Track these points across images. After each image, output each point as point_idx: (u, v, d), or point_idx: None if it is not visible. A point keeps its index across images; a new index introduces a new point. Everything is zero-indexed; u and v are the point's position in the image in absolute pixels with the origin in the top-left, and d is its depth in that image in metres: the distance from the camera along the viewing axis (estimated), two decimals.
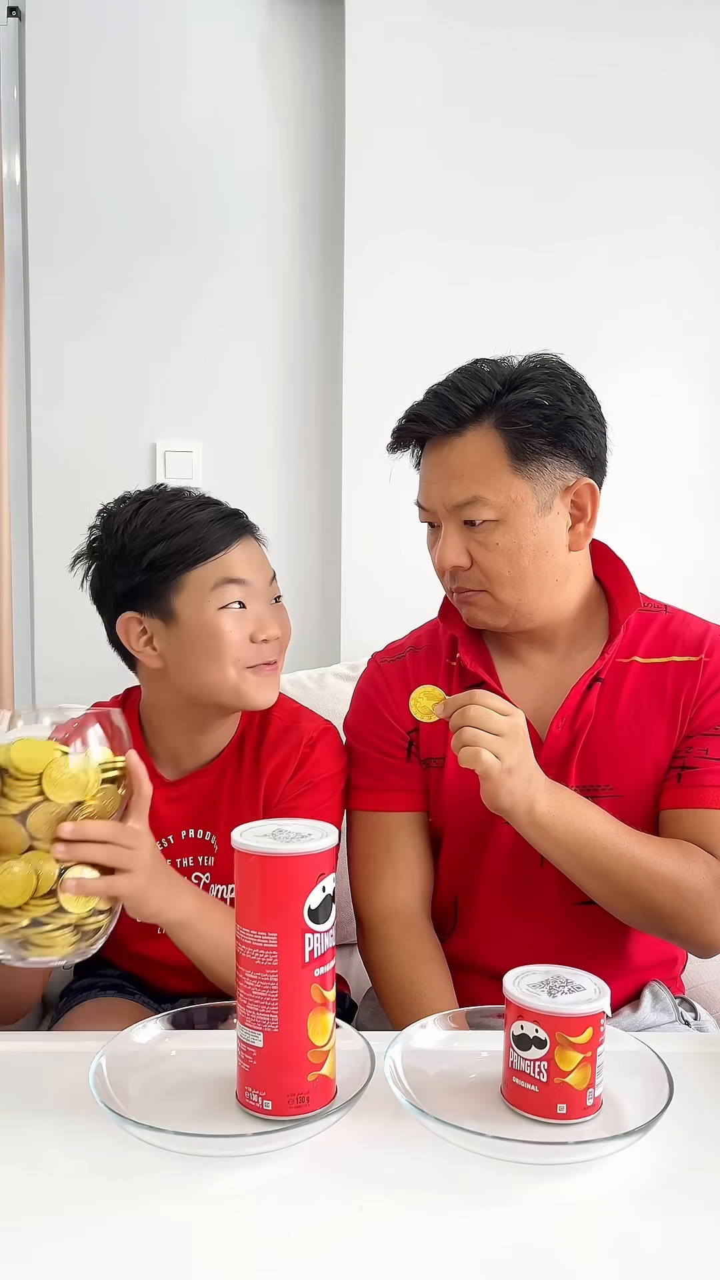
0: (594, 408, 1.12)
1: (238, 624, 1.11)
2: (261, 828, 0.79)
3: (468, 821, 1.17)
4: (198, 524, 1.11)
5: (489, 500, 1.07)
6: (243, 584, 1.12)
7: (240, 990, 0.77)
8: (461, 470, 1.08)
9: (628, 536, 1.27)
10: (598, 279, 1.99)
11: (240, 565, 1.12)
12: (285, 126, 2.01)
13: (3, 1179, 0.71)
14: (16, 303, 2.05)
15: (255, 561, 1.15)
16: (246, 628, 1.12)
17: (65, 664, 2.06)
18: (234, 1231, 0.65)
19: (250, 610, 1.13)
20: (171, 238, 2.00)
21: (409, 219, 1.96)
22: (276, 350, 2.05)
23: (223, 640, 1.11)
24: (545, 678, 1.17)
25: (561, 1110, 0.77)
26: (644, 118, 1.98)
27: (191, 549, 1.10)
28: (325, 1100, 0.77)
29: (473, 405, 1.08)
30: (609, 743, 1.13)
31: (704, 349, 2.03)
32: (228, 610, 1.11)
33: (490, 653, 1.20)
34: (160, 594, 1.12)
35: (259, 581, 1.14)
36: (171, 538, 1.11)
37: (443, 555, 1.11)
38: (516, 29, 1.94)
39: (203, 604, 1.11)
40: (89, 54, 1.96)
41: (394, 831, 1.20)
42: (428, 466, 1.13)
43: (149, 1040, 0.87)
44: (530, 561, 1.09)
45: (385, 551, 1.94)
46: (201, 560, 1.11)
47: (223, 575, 1.11)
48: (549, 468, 1.08)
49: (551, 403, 1.07)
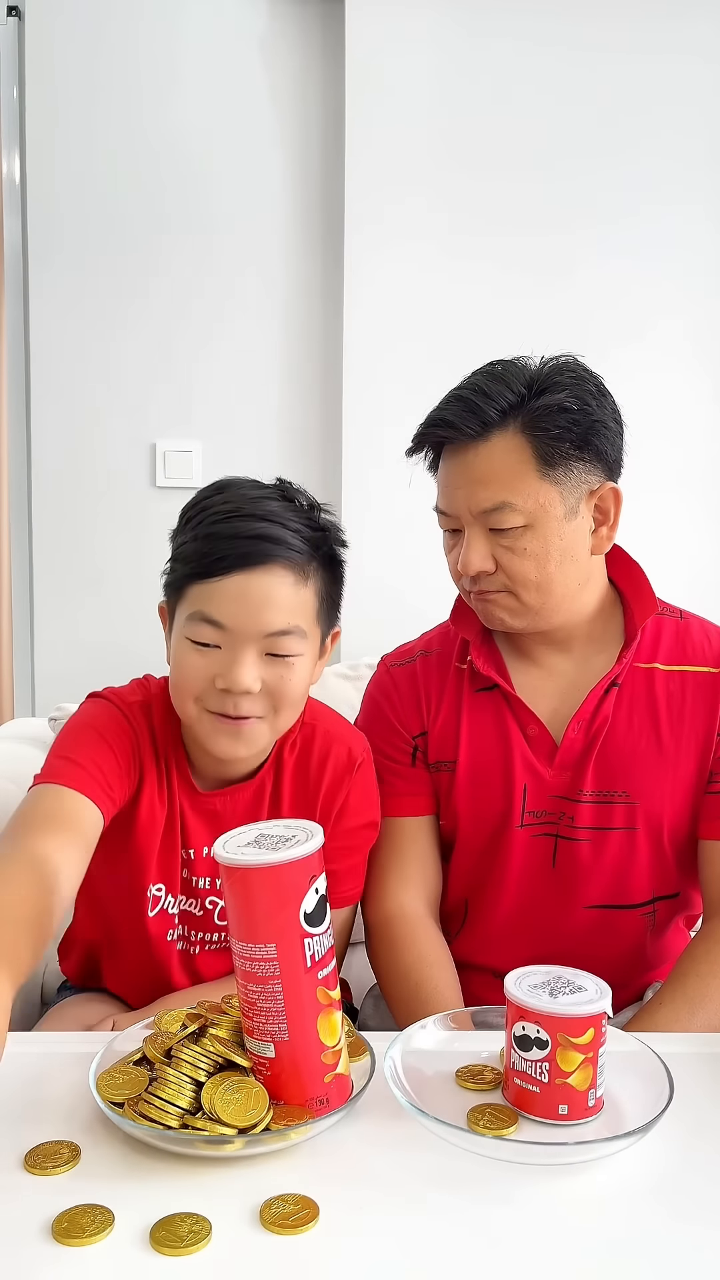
0: (615, 411, 1.10)
1: (202, 661, 0.98)
2: (242, 836, 0.76)
3: (480, 824, 1.17)
4: (215, 535, 0.97)
5: (518, 506, 1.05)
6: (216, 626, 0.97)
7: (244, 1003, 0.76)
8: (489, 476, 1.06)
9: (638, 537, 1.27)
10: (598, 273, 2.00)
11: (226, 604, 0.96)
12: (285, 126, 2.01)
13: (2, 1179, 0.71)
14: (16, 303, 2.05)
15: (252, 601, 0.96)
16: (210, 670, 0.98)
17: (65, 664, 2.06)
18: (234, 1232, 0.65)
19: (224, 653, 0.98)
20: (171, 237, 2.00)
21: (409, 218, 1.97)
22: (277, 350, 2.05)
23: (182, 672, 1.00)
24: (561, 680, 1.16)
25: (563, 1111, 0.76)
26: (644, 108, 1.98)
27: (194, 560, 0.98)
28: (344, 1098, 0.76)
29: (499, 409, 1.05)
30: (626, 749, 1.12)
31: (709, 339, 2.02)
32: (194, 645, 0.98)
33: (503, 656, 1.19)
34: (172, 595, 1.04)
35: (247, 626, 0.97)
36: (197, 539, 0.99)
37: (467, 560, 1.08)
38: (515, 29, 1.95)
39: (183, 624, 0.99)
40: (89, 54, 1.96)
41: (400, 836, 1.19)
42: (450, 472, 1.10)
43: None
44: (556, 566, 1.07)
45: (386, 551, 1.94)
46: (198, 578, 0.98)
47: (199, 609, 0.97)
48: (575, 472, 1.07)
49: (579, 407, 1.05)
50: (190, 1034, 0.80)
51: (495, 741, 1.15)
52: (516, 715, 1.15)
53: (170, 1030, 0.81)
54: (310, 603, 1.01)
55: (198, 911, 1.12)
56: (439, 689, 1.20)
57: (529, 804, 1.14)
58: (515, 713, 1.15)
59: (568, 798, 1.13)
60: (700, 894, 1.19)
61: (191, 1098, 0.74)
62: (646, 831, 1.12)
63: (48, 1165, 0.71)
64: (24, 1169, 0.71)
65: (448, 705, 1.18)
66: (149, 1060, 0.79)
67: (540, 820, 1.14)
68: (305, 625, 1.00)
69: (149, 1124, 0.73)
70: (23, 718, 2.05)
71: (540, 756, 1.14)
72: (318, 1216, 0.66)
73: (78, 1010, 1.19)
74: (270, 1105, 0.74)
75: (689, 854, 1.15)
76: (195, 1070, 0.76)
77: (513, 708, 1.15)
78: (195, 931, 1.13)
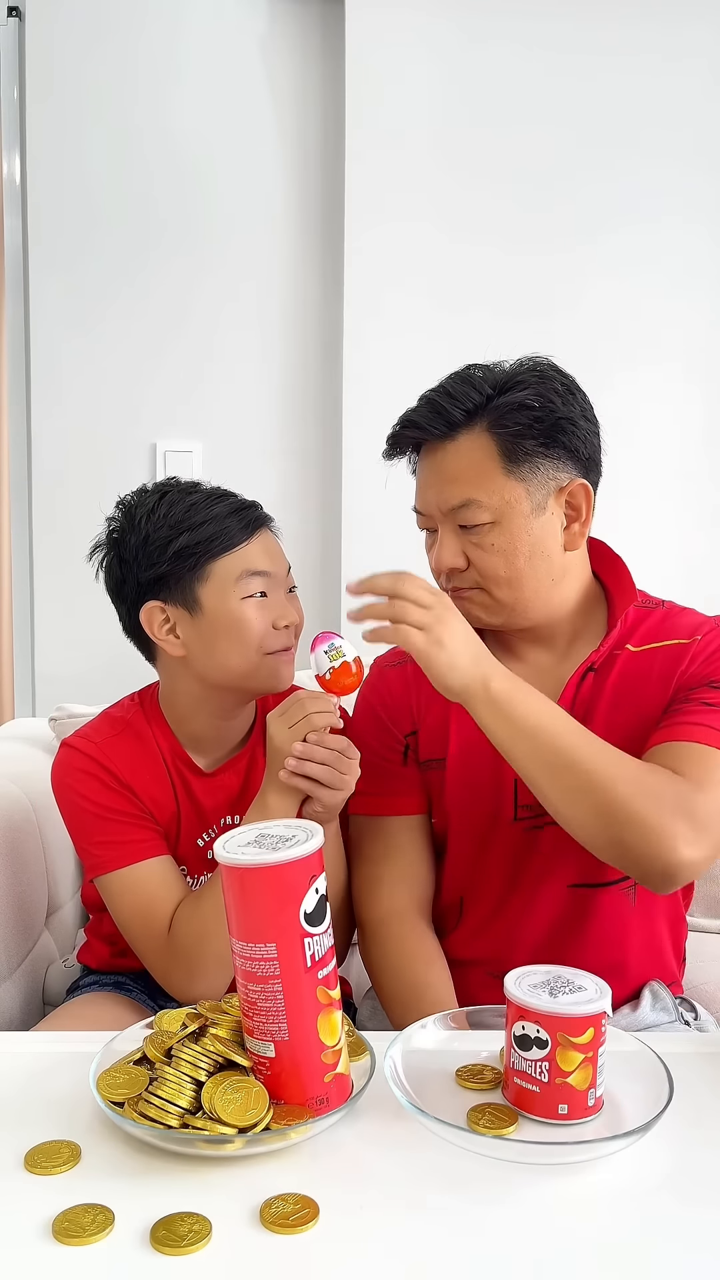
0: (585, 408, 1.12)
1: (261, 612, 1.15)
2: (242, 835, 0.77)
3: (471, 820, 1.17)
4: (219, 515, 1.15)
5: (483, 503, 1.08)
6: (264, 575, 1.16)
7: (244, 1003, 0.76)
8: (455, 474, 1.09)
9: (630, 536, 1.27)
10: (599, 276, 1.99)
11: (261, 557, 1.17)
12: (285, 126, 2.01)
13: (2, 1179, 0.71)
14: (16, 303, 2.06)
15: (274, 553, 1.19)
16: (269, 616, 1.16)
17: (65, 664, 2.06)
18: (234, 1232, 0.65)
19: (271, 599, 1.17)
20: (172, 237, 2.01)
21: (409, 218, 1.97)
22: (277, 350, 2.05)
23: (248, 628, 1.15)
24: (546, 674, 1.17)
25: (563, 1110, 0.76)
26: (646, 112, 1.98)
27: (216, 539, 1.14)
28: (344, 1097, 0.77)
29: (464, 410, 1.09)
30: (605, 728, 1.12)
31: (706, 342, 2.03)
32: (251, 600, 1.15)
33: (491, 652, 1.19)
34: (185, 583, 1.15)
35: (278, 571, 1.19)
36: (196, 528, 1.14)
37: (439, 558, 1.12)
38: (516, 29, 1.95)
39: (227, 593, 1.14)
40: (89, 54, 1.96)
41: (392, 835, 1.20)
42: (423, 472, 1.15)
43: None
44: (526, 562, 1.10)
45: (385, 550, 1.93)
46: (225, 551, 1.15)
47: (246, 567, 1.15)
48: (542, 469, 1.09)
49: (542, 404, 1.08)
50: (190, 1033, 0.81)
51: (484, 738, 1.16)
52: None
53: (170, 1030, 0.81)
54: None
55: None
56: (429, 687, 1.20)
57: (521, 798, 1.14)
58: None
59: None
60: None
61: (192, 1097, 0.74)
62: None
63: (48, 1165, 0.72)
64: (24, 1169, 0.72)
65: (438, 703, 1.19)
66: (149, 1060, 0.80)
67: (534, 813, 1.14)
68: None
69: (149, 1123, 0.73)
70: (23, 718, 2.05)
71: None
72: (318, 1216, 0.66)
73: (82, 1010, 1.20)
74: (270, 1105, 0.74)
75: None
76: (195, 1070, 0.76)
77: None
78: None
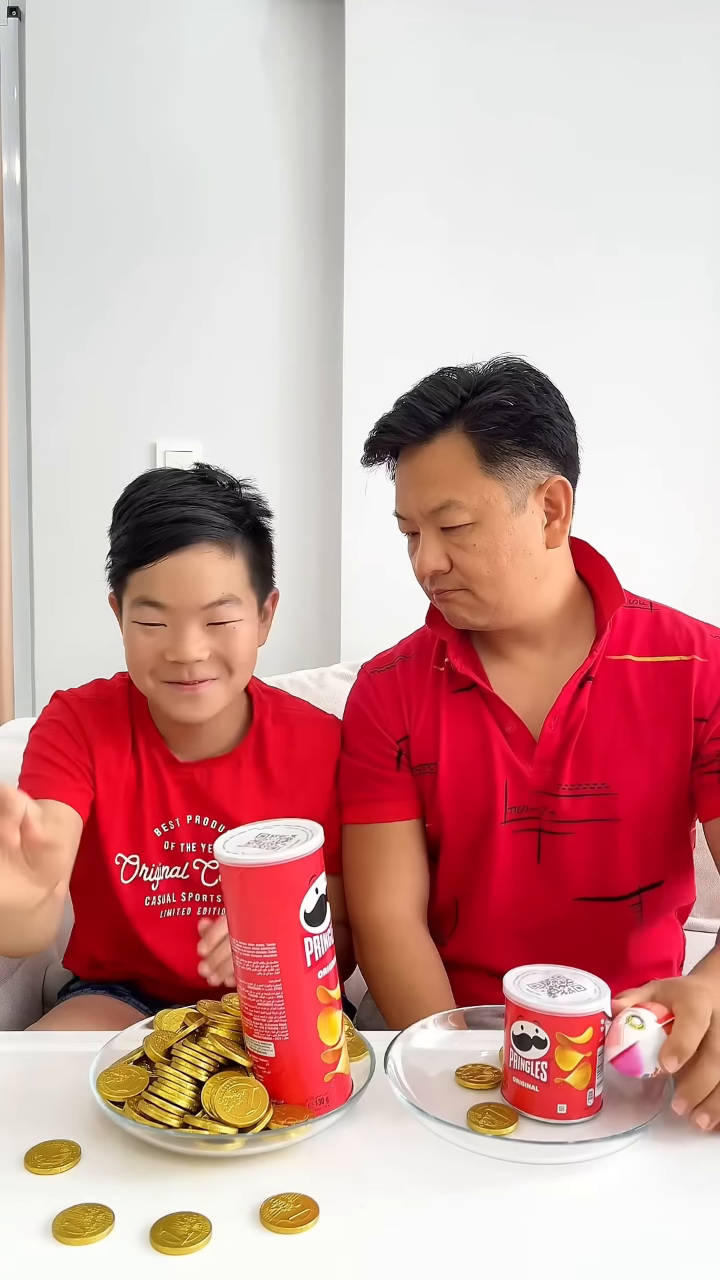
0: (560, 406, 1.13)
1: (150, 639, 1.09)
2: (242, 835, 0.77)
3: (464, 824, 1.17)
4: (144, 525, 1.08)
5: (463, 503, 1.08)
6: (158, 607, 1.08)
7: (244, 1003, 0.76)
8: (434, 476, 1.10)
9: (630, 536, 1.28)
10: (601, 275, 1.99)
11: (163, 585, 1.07)
12: (285, 126, 2.01)
13: (2, 1179, 0.71)
14: (16, 303, 2.06)
15: (186, 579, 1.07)
16: (160, 645, 1.09)
17: (65, 664, 2.06)
18: (234, 1231, 0.65)
19: (170, 630, 1.08)
20: (171, 237, 2.00)
21: (409, 219, 1.96)
22: (277, 350, 2.05)
23: (133, 653, 1.11)
24: (536, 676, 1.17)
25: (562, 1110, 0.77)
26: (647, 112, 1.98)
27: (129, 551, 1.09)
28: (344, 1097, 0.77)
29: (440, 412, 1.09)
30: (603, 741, 1.13)
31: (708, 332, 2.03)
32: (138, 626, 1.10)
33: (480, 655, 1.20)
34: (118, 582, 1.13)
35: (186, 602, 1.07)
36: (128, 532, 1.09)
37: (422, 561, 1.12)
38: (516, 29, 1.94)
39: (130, 610, 1.10)
40: (89, 54, 1.96)
41: (386, 842, 1.20)
42: (402, 476, 1.15)
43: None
44: (508, 561, 1.10)
45: (385, 551, 1.93)
46: (135, 567, 1.09)
47: (141, 594, 1.09)
48: (520, 467, 1.09)
49: (517, 403, 1.08)
50: (190, 1033, 0.81)
51: (475, 741, 1.17)
52: (495, 713, 1.16)
53: (170, 1030, 0.82)
54: (241, 572, 1.12)
55: (184, 876, 1.19)
56: (419, 692, 1.21)
57: (511, 800, 1.15)
58: (494, 711, 1.16)
59: (548, 792, 1.14)
60: (687, 884, 1.21)
61: (192, 1097, 0.75)
62: (628, 822, 1.13)
63: (48, 1165, 0.72)
64: (24, 1169, 0.72)
65: (427, 708, 1.19)
66: (149, 1060, 0.80)
67: (523, 816, 1.15)
68: (239, 593, 1.11)
69: (149, 1123, 0.73)
70: (23, 718, 2.05)
71: (520, 753, 1.15)
72: (318, 1216, 0.66)
73: (79, 1011, 1.19)
74: (270, 1105, 0.75)
75: (671, 843, 1.16)
76: (195, 1070, 0.76)
77: (491, 706, 1.16)
78: (186, 893, 1.19)
